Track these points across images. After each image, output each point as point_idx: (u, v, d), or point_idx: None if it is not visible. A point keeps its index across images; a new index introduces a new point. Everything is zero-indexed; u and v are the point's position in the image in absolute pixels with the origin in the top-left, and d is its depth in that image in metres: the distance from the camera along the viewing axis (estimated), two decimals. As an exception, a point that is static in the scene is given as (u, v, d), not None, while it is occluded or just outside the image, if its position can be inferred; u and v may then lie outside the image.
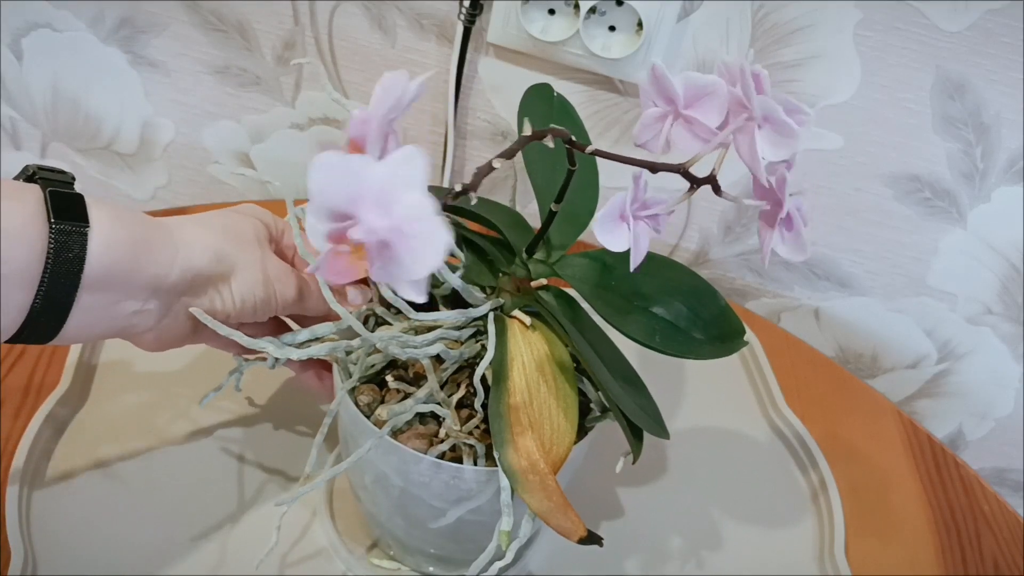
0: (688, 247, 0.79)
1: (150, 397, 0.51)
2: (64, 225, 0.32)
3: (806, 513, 0.55)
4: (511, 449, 0.35)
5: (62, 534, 0.43)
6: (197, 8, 0.71)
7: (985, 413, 0.83)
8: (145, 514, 0.45)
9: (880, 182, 0.71)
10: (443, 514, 0.38)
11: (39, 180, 0.34)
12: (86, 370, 0.52)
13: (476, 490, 0.37)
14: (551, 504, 0.34)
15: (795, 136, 0.29)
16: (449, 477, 0.37)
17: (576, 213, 0.41)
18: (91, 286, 0.33)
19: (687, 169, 0.31)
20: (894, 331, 0.80)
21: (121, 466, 0.47)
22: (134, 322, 0.37)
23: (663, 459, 0.56)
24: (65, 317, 0.33)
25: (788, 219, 0.32)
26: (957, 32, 0.63)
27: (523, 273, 0.40)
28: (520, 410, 0.36)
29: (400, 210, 0.22)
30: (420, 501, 0.38)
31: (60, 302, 0.33)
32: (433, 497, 0.38)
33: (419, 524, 0.40)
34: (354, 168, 0.22)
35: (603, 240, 0.30)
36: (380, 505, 0.41)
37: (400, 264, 0.23)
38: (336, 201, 0.22)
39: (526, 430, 0.35)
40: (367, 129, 0.25)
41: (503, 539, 0.35)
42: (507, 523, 0.35)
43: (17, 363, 0.52)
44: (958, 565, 0.54)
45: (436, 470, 0.37)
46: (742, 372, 0.66)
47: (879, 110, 0.67)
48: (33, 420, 0.47)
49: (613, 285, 0.39)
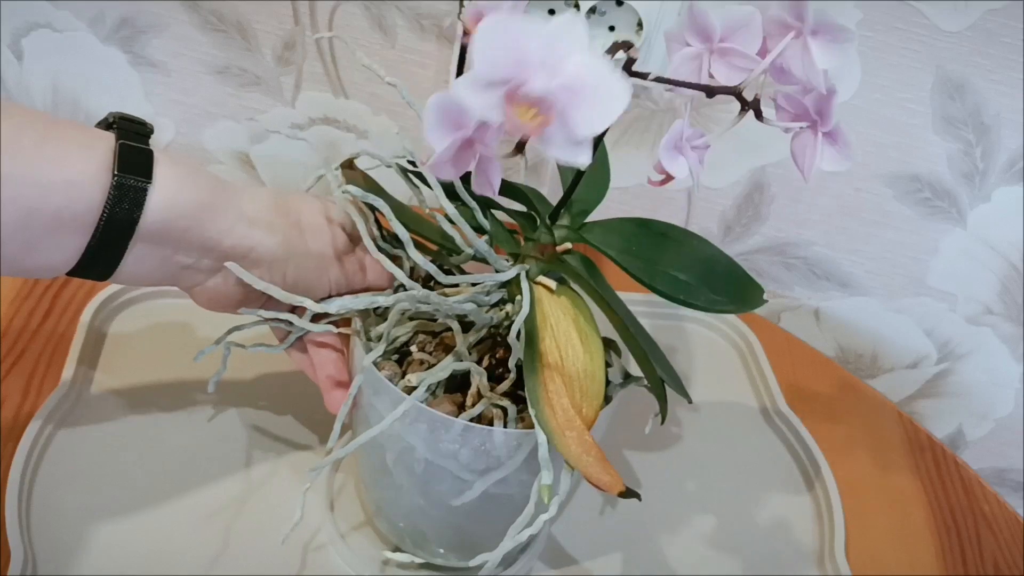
0: (688, 247, 0.79)
1: (150, 397, 0.51)
2: (127, 179, 0.33)
3: (806, 513, 0.55)
4: (546, 406, 0.35)
5: (62, 534, 0.43)
6: (197, 8, 0.71)
7: (985, 413, 0.83)
8: (145, 514, 0.45)
9: (880, 182, 0.71)
10: (469, 487, 0.38)
11: (116, 130, 0.35)
12: (86, 370, 0.52)
13: (506, 456, 0.37)
14: (590, 458, 0.35)
15: (849, 39, 0.30)
16: (480, 442, 0.37)
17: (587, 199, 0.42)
18: (146, 238, 0.35)
19: (740, 91, 0.32)
20: (894, 331, 0.80)
21: (121, 466, 0.47)
22: (185, 276, 0.38)
23: (662, 459, 0.56)
24: (117, 262, 0.35)
25: (835, 131, 0.33)
26: (957, 32, 0.63)
27: (548, 239, 0.40)
28: (553, 369, 0.36)
29: (570, 68, 0.23)
30: (445, 475, 0.38)
31: (113, 249, 0.34)
32: (460, 468, 0.38)
33: (441, 503, 0.40)
34: (517, 32, 0.23)
35: (668, 165, 0.32)
36: (400, 487, 0.41)
37: (569, 123, 0.23)
38: (501, 65, 0.23)
39: (560, 388, 0.36)
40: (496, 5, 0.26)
41: (544, 493, 0.35)
42: (547, 477, 0.35)
43: (17, 363, 0.52)
44: (958, 565, 0.54)
45: (466, 436, 0.37)
46: (742, 372, 0.66)
47: (879, 110, 0.67)
48: (33, 420, 0.47)
49: (635, 251, 0.40)
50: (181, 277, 0.38)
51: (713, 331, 0.69)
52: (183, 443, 0.49)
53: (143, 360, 0.53)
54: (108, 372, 0.52)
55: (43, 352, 0.53)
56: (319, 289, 0.41)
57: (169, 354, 0.54)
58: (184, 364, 0.54)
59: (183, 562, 0.43)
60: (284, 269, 0.39)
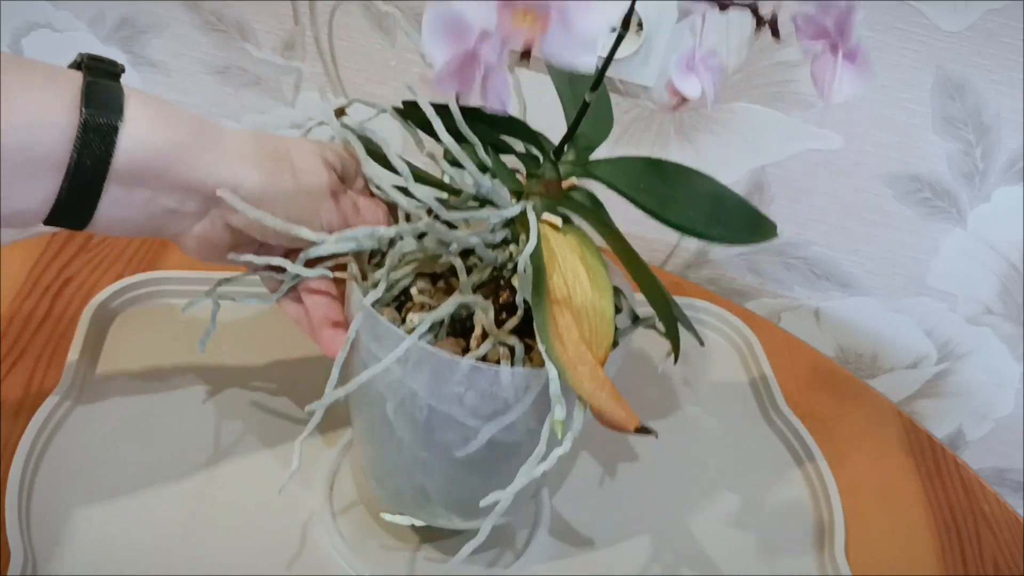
0: (688, 247, 0.79)
1: (150, 397, 0.51)
2: (96, 117, 0.32)
3: (806, 513, 0.55)
4: (556, 341, 0.34)
5: (62, 534, 0.43)
6: (197, 8, 0.71)
7: (985, 413, 0.83)
8: (146, 514, 0.45)
9: (880, 182, 0.71)
10: (475, 435, 0.36)
11: (84, 69, 0.34)
12: (85, 370, 0.52)
13: (513, 399, 0.36)
14: (603, 393, 0.33)
15: None
16: (487, 384, 0.35)
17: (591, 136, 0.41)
18: (122, 180, 0.33)
19: (756, 6, 0.33)
20: (894, 331, 0.80)
21: (121, 465, 0.47)
22: (170, 222, 0.37)
23: (662, 458, 0.56)
24: (93, 206, 0.34)
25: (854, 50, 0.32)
26: (957, 32, 0.63)
27: (553, 174, 0.39)
28: (562, 305, 0.35)
29: None
30: (450, 422, 0.37)
31: (87, 193, 0.33)
32: (466, 414, 0.36)
33: (444, 456, 0.38)
34: None
35: (680, 85, 0.32)
36: (401, 441, 0.39)
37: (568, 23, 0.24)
38: None
39: (570, 323, 0.35)
40: None
41: (558, 428, 0.34)
42: (560, 412, 0.34)
43: (17, 363, 0.52)
44: (958, 565, 0.54)
45: (472, 377, 0.35)
46: (742, 372, 0.66)
47: (879, 110, 0.67)
48: (33, 420, 0.47)
49: (644, 187, 0.39)
50: (166, 223, 0.37)
51: (713, 331, 0.69)
52: (184, 443, 0.49)
53: (143, 360, 0.53)
54: (108, 372, 0.52)
55: (43, 352, 0.53)
56: (312, 229, 0.39)
57: (169, 354, 0.54)
58: (184, 364, 0.54)
59: (183, 562, 0.43)
60: (273, 209, 0.37)
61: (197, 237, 0.38)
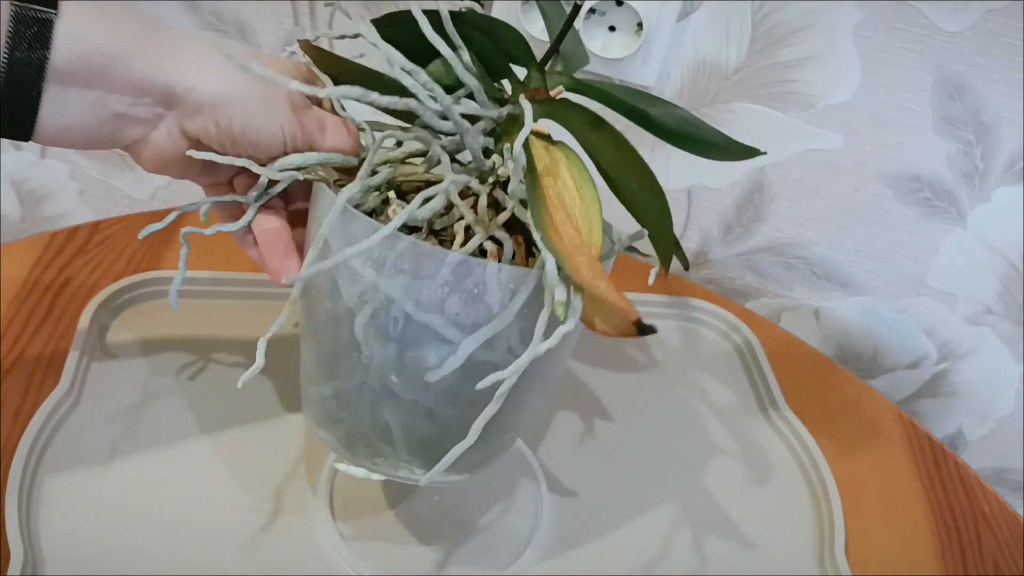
0: (688, 247, 0.79)
1: (150, 397, 0.51)
2: (25, 10, 0.31)
3: (806, 513, 0.55)
4: (553, 232, 0.33)
5: (62, 534, 0.43)
6: (197, 8, 0.71)
7: (985, 413, 0.83)
8: (146, 514, 0.45)
9: (880, 182, 0.71)
10: (454, 350, 0.34)
11: None
12: (85, 370, 0.52)
13: (499, 307, 0.34)
14: (603, 282, 0.32)
15: None
16: (472, 284, 0.33)
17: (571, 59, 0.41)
18: (64, 80, 0.32)
19: None
20: (894, 331, 0.80)
21: (121, 466, 0.47)
22: (121, 129, 0.35)
23: (662, 459, 0.56)
24: (35, 109, 0.32)
25: None
26: (957, 32, 0.63)
27: (540, 82, 0.38)
28: (555, 202, 0.34)
29: None
30: (426, 335, 0.34)
31: (26, 90, 0.32)
32: (446, 324, 0.34)
33: (415, 381, 0.36)
34: None
35: None
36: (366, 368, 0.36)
37: None
38: None
39: (565, 219, 0.33)
40: None
41: (560, 309, 0.32)
42: (561, 293, 0.32)
43: (17, 363, 0.52)
44: (958, 565, 0.54)
45: (459, 274, 0.33)
46: (742, 372, 0.66)
47: (879, 110, 0.67)
48: (33, 420, 0.47)
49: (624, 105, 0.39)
50: (117, 130, 0.35)
51: (713, 331, 0.69)
52: (183, 442, 0.49)
53: (143, 360, 0.53)
54: (108, 372, 0.52)
55: (43, 352, 0.53)
56: (271, 141, 0.37)
57: (169, 354, 0.54)
58: (184, 364, 0.54)
59: (183, 561, 0.43)
60: (230, 113, 0.35)
61: (153, 146, 0.36)
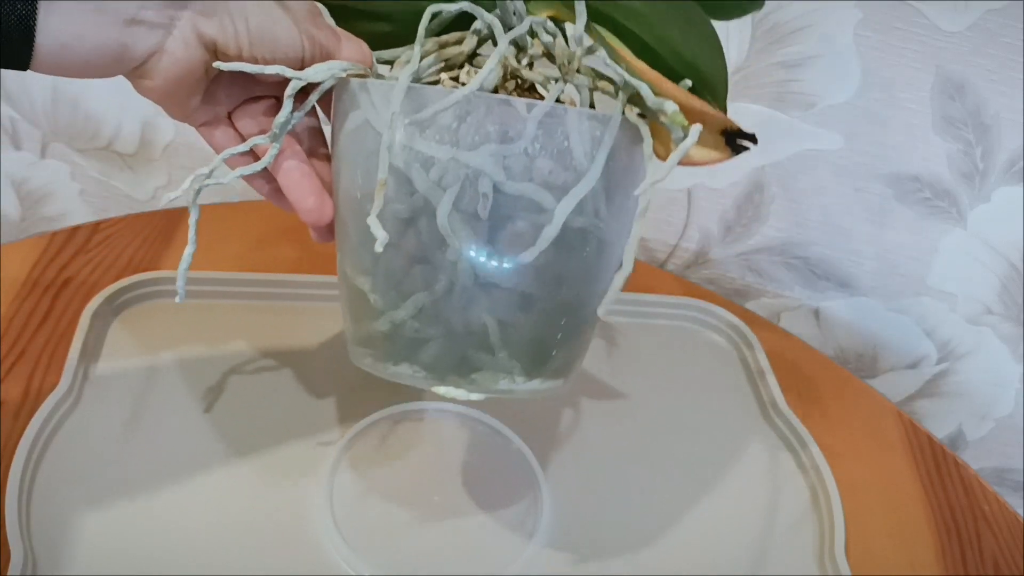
0: (688, 247, 0.79)
1: (151, 397, 0.51)
2: None
3: (806, 513, 0.55)
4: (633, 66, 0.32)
5: (62, 534, 0.43)
6: (197, 8, 0.71)
7: (985, 413, 0.83)
8: (146, 514, 0.45)
9: (880, 182, 0.71)
10: (549, 219, 0.32)
11: None
12: (85, 370, 0.52)
13: (585, 162, 0.32)
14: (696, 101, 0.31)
15: None
16: (562, 138, 0.31)
17: None
18: None
19: None
20: (894, 331, 0.80)
21: (121, 466, 0.47)
22: (133, 38, 0.33)
23: (662, 458, 0.56)
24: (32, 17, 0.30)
25: None
26: (957, 32, 0.63)
27: None
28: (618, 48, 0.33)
29: None
30: (518, 207, 0.32)
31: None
32: (538, 190, 0.32)
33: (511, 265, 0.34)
34: None
35: None
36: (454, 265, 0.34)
37: None
38: None
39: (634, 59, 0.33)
40: None
41: (677, 119, 0.31)
42: (671, 106, 0.30)
43: (17, 363, 0.52)
44: (958, 565, 0.54)
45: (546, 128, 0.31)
46: (742, 372, 0.66)
47: (879, 110, 0.67)
48: (33, 420, 0.47)
49: None
50: (131, 43, 0.33)
51: (713, 331, 0.69)
52: (184, 442, 0.49)
53: (143, 360, 0.53)
54: (108, 372, 0.52)
55: (43, 352, 0.53)
56: (288, 46, 0.35)
57: (169, 354, 0.54)
58: (185, 364, 0.54)
59: (183, 561, 0.43)
60: (245, 14, 0.34)
61: (169, 56, 0.34)
